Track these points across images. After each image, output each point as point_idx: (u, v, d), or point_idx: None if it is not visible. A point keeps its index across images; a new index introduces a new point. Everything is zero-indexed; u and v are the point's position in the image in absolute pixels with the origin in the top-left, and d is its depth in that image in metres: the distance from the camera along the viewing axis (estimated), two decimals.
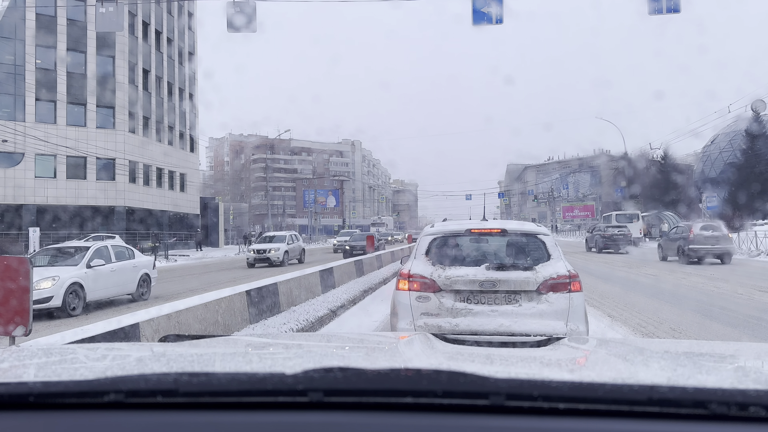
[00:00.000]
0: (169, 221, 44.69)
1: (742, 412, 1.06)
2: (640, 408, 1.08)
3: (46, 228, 33.78)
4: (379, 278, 14.90)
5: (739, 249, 24.46)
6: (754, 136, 47.94)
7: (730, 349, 2.08)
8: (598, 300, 10.48)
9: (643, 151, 55.67)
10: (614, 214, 41.04)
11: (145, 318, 4.80)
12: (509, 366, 1.48)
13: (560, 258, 5.22)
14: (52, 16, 37.09)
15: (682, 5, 13.29)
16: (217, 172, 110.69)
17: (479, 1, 13.36)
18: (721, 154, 56.10)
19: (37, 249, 25.45)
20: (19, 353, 1.69)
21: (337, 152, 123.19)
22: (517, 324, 4.85)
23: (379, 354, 1.86)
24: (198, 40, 51.98)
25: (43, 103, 36.94)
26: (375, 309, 9.92)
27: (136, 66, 41.36)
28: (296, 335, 5.06)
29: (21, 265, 3.61)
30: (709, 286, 12.86)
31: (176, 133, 46.80)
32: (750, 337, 7.09)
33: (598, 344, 2.12)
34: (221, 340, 2.17)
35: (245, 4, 13.74)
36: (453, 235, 5.47)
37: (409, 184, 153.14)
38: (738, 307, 9.45)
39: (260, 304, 7.48)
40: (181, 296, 9.09)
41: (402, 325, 5.10)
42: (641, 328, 7.77)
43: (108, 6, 14.54)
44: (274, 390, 1.13)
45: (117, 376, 1.19)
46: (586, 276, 9.71)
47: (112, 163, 38.97)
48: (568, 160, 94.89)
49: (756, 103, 43.69)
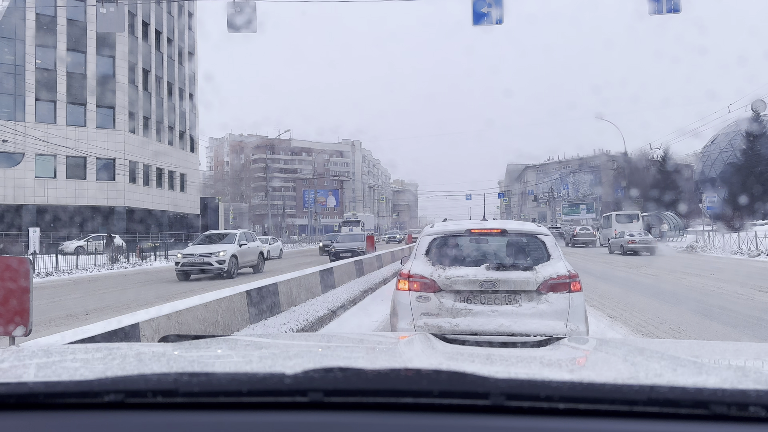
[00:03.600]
0: (169, 221, 44.71)
1: (742, 412, 1.06)
2: (640, 408, 1.08)
3: (46, 228, 33.78)
4: (379, 278, 14.90)
5: (739, 249, 25.02)
6: (754, 136, 47.97)
7: (730, 349, 2.08)
8: (597, 300, 10.49)
9: (643, 151, 55.72)
10: (614, 215, 41.00)
11: (145, 318, 4.80)
12: (509, 366, 1.48)
13: (560, 258, 5.22)
14: (52, 16, 37.11)
15: (682, 5, 13.29)
16: (217, 172, 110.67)
17: (479, 2, 13.36)
18: (721, 154, 56.12)
19: (37, 249, 25.45)
20: (19, 353, 1.69)
21: (337, 152, 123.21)
22: (517, 324, 4.85)
23: (379, 354, 1.86)
24: (198, 40, 52.09)
25: (43, 103, 36.96)
26: (375, 309, 9.93)
27: (136, 66, 41.38)
28: (296, 335, 5.06)
29: (21, 265, 3.61)
30: (700, 283, 12.88)
31: (176, 133, 46.83)
32: (750, 337, 7.09)
33: (598, 344, 2.12)
34: (221, 340, 2.17)
35: (245, 4, 13.74)
36: (453, 235, 5.47)
37: (409, 184, 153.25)
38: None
39: (260, 304, 7.48)
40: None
41: (402, 325, 5.10)
42: (641, 328, 7.77)
43: (108, 6, 14.54)
44: (274, 390, 1.13)
45: (117, 376, 1.19)
46: (585, 276, 9.73)
47: (112, 163, 38.99)
48: (568, 160, 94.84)
49: (756, 103, 43.72)
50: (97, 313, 10.74)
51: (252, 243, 20.35)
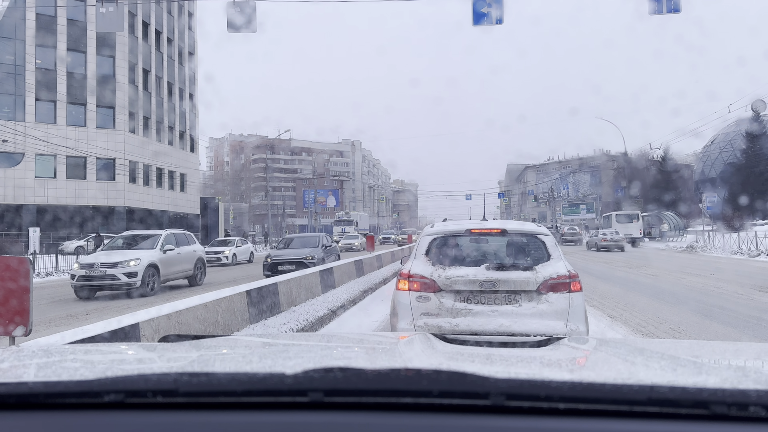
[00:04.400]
0: (169, 221, 44.69)
1: (742, 412, 1.06)
2: (640, 408, 1.08)
3: (46, 228, 33.78)
4: (379, 278, 14.90)
5: (739, 249, 25.01)
6: (754, 136, 47.98)
7: (730, 349, 2.08)
8: (597, 300, 10.49)
9: (643, 151, 55.78)
10: (614, 215, 41.03)
11: (145, 318, 4.79)
12: (509, 366, 1.48)
13: (560, 258, 5.22)
14: (52, 16, 37.10)
15: (682, 5, 13.29)
16: (217, 172, 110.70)
17: (479, 2, 13.36)
18: (721, 155, 56.13)
19: (37, 249, 25.44)
20: (19, 353, 1.69)
21: (337, 152, 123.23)
22: (517, 324, 4.85)
23: (379, 354, 1.86)
24: (198, 40, 52.05)
25: (43, 103, 36.95)
26: (375, 309, 9.93)
27: (136, 66, 41.38)
28: (296, 335, 5.06)
29: (21, 265, 3.61)
30: (699, 283, 12.88)
31: (176, 133, 46.83)
32: (750, 337, 7.09)
33: (598, 344, 2.12)
34: (221, 340, 2.17)
35: (245, 4, 13.74)
36: (453, 235, 5.47)
37: (409, 184, 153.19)
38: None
39: (260, 304, 7.48)
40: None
41: (402, 325, 5.10)
42: (641, 328, 7.77)
43: (108, 6, 14.54)
44: (274, 390, 1.13)
45: (117, 376, 1.19)
46: (585, 276, 9.73)
47: (112, 163, 38.98)
48: (568, 160, 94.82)
49: (756, 103, 43.72)
50: (97, 313, 10.74)
51: (185, 247, 15.43)
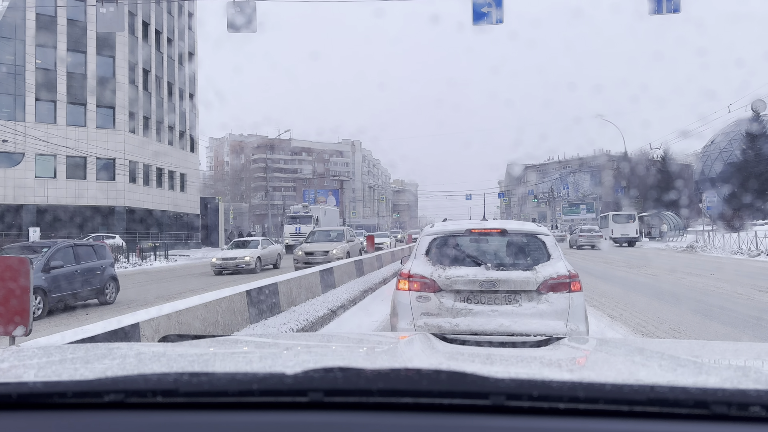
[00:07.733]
0: (169, 221, 44.71)
1: (743, 412, 1.06)
2: (640, 408, 1.07)
3: (46, 228, 33.76)
4: (379, 278, 14.89)
5: (739, 249, 25.07)
6: (754, 136, 48.01)
7: (730, 349, 2.08)
8: (597, 300, 10.49)
9: (643, 151, 55.80)
10: (611, 215, 41.26)
11: (145, 318, 4.80)
12: (509, 366, 1.48)
13: (560, 258, 5.21)
14: (52, 16, 37.08)
15: (682, 5, 13.29)
16: (217, 172, 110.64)
17: (479, 2, 13.36)
18: (721, 154, 56.18)
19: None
20: (19, 353, 1.69)
21: (337, 152, 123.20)
22: (517, 324, 4.85)
23: (379, 354, 1.86)
24: (198, 40, 52.03)
25: (43, 103, 36.94)
26: (375, 309, 9.93)
27: (136, 66, 41.36)
28: (296, 335, 5.06)
29: (21, 265, 3.61)
30: (700, 283, 12.89)
31: (176, 133, 46.81)
32: (750, 337, 7.09)
33: (598, 344, 2.12)
34: (221, 340, 2.17)
35: (245, 4, 13.74)
36: (453, 235, 5.47)
37: (409, 184, 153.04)
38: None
39: (260, 304, 7.48)
40: None
41: (402, 325, 5.10)
42: (641, 328, 7.76)
43: (108, 6, 14.54)
44: (274, 390, 1.13)
45: (117, 376, 1.19)
46: (585, 275, 9.73)
47: (112, 163, 38.98)
48: (568, 160, 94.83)
49: (756, 103, 43.74)
50: (97, 312, 10.75)
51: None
